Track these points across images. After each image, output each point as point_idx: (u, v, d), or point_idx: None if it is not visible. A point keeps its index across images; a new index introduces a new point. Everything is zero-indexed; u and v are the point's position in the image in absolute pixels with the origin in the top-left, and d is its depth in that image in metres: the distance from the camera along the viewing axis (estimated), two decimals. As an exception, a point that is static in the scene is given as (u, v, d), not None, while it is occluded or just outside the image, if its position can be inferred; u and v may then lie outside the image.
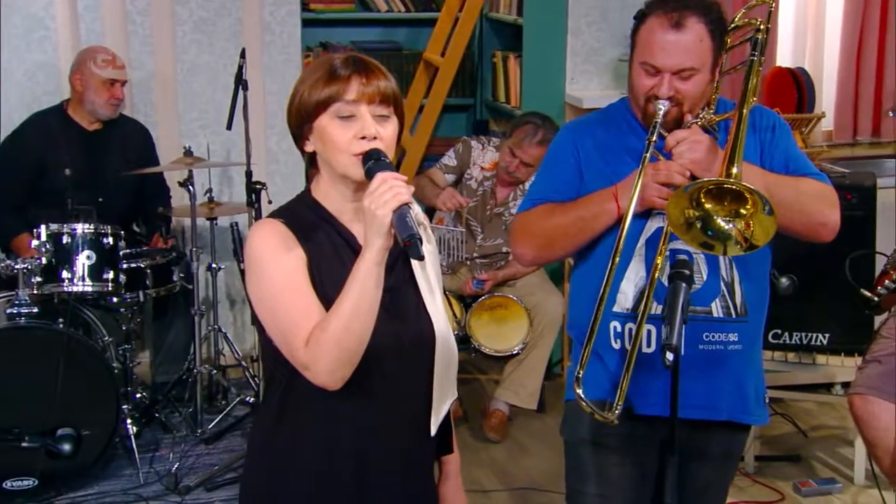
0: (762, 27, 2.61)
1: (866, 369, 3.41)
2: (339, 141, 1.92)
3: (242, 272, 4.61)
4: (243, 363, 4.75)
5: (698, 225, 2.38)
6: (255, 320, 1.99)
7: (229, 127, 4.34)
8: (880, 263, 3.74)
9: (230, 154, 5.05)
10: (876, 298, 3.50)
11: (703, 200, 2.38)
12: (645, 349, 2.55)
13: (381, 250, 1.84)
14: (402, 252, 1.99)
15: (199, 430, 4.41)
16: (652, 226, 2.56)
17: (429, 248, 2.09)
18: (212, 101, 5.05)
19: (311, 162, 2.02)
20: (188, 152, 4.34)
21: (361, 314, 1.85)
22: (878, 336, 3.46)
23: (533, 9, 4.93)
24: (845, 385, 4.74)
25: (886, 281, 3.48)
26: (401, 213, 1.82)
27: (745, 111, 2.50)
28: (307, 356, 1.86)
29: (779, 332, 4.09)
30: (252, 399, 4.53)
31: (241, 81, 4.30)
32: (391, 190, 1.82)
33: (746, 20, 2.66)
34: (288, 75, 5.10)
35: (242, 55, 4.35)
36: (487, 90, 5.63)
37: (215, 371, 4.63)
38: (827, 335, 4.02)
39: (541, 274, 4.69)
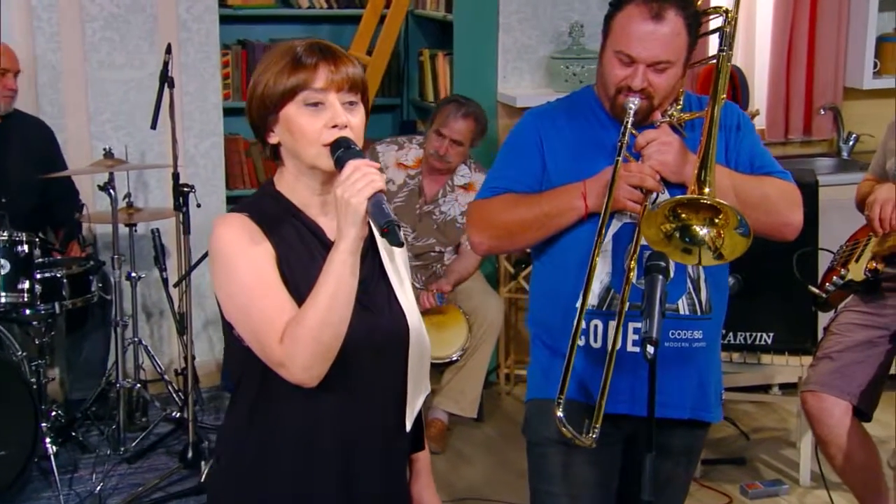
0: (730, 18, 2.67)
1: (818, 366, 3.53)
2: (308, 131, 1.92)
3: (165, 280, 4.55)
4: (166, 377, 4.68)
5: (677, 235, 2.46)
6: (223, 319, 1.98)
7: (153, 126, 4.28)
8: (824, 260, 3.87)
9: (145, 156, 4.98)
10: (824, 295, 3.64)
11: (679, 211, 2.45)
12: (610, 347, 2.60)
13: (357, 240, 1.85)
14: (372, 244, 2.02)
15: (122, 449, 4.33)
16: (618, 223, 2.62)
17: None
18: (125, 101, 4.97)
19: (274, 154, 2.01)
20: (108, 154, 4.27)
21: (338, 306, 1.85)
22: (828, 332, 3.59)
23: (463, 5, 4.98)
24: (784, 387, 4.88)
25: (834, 277, 3.61)
26: (376, 200, 1.84)
27: (716, 111, 2.57)
28: (282, 353, 1.86)
29: (723, 331, 4.18)
30: (177, 414, 4.47)
31: (166, 79, 4.25)
32: (364, 177, 1.83)
33: (712, 7, 2.73)
34: (206, 74, 5.06)
35: (168, 51, 4.30)
36: (414, 90, 5.66)
37: (139, 385, 4.55)
38: (771, 334, 4.13)
39: (478, 276, 4.73)
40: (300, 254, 1.96)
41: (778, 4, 5.13)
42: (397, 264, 2.10)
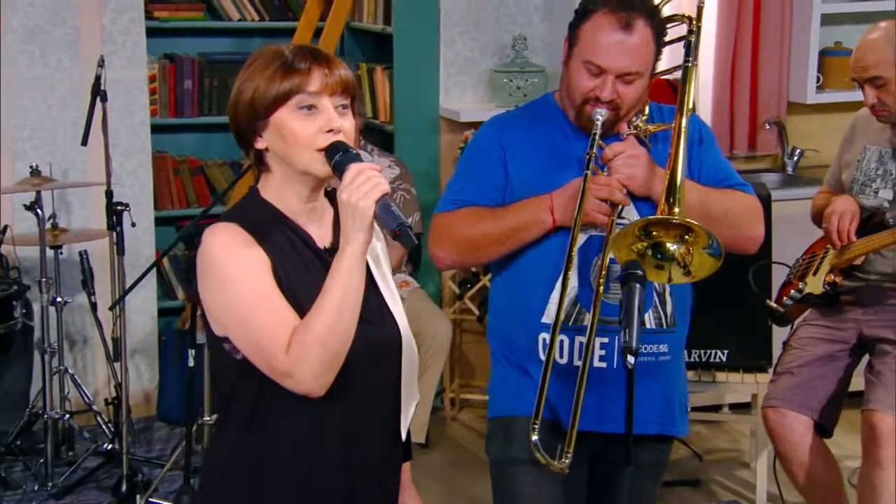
0: (694, 27, 2.72)
1: (779, 381, 3.60)
2: (301, 135, 1.95)
3: (94, 305, 4.48)
4: (94, 407, 4.59)
5: (650, 253, 2.50)
6: (209, 334, 1.99)
7: (84, 143, 4.21)
8: (778, 274, 3.94)
9: (68, 174, 4.89)
10: (782, 309, 3.70)
11: (650, 230, 2.48)
12: (576, 362, 2.63)
13: (365, 244, 1.89)
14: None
15: (50, 485, 4.24)
16: (584, 236, 2.64)
17: (379, 245, 2.14)
18: (46, 117, 4.89)
19: (259, 160, 2.03)
20: (35, 171, 4.19)
21: (346, 312, 1.89)
22: (788, 347, 3.66)
23: (403, 18, 5.01)
24: (733, 406, 4.95)
25: (792, 291, 3.68)
26: (384, 202, 1.88)
27: (683, 123, 2.61)
28: (289, 363, 1.88)
29: (677, 349, 4.24)
30: (108, 446, 4.38)
31: (99, 92, 4.19)
32: (370, 180, 1.88)
33: (675, 14, 2.77)
34: (133, 89, 5.00)
35: (101, 63, 4.24)
36: (350, 105, 5.64)
37: (68, 416, 4.45)
38: (726, 351, 4.19)
39: (425, 296, 4.73)
40: (294, 261, 1.99)
41: (720, 19, 5.24)
42: (384, 270, 2.13)
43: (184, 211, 5.47)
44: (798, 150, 5.43)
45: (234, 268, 1.92)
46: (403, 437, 2.11)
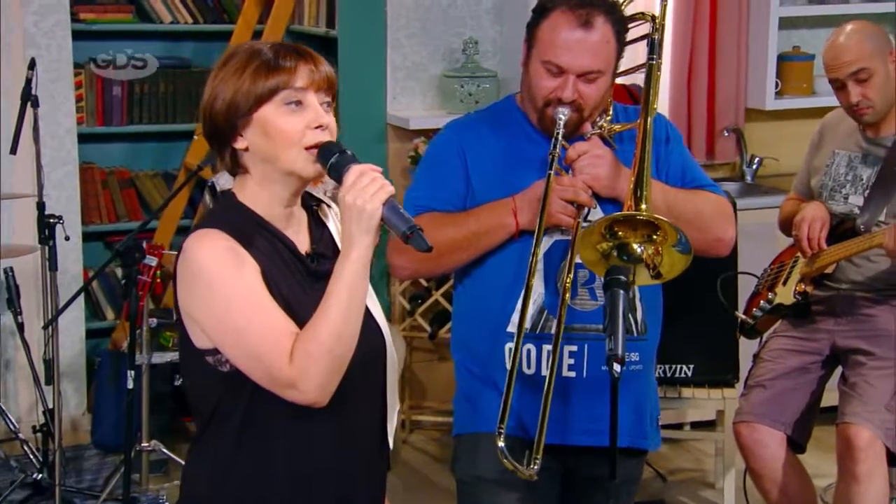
0: (657, 25, 2.76)
1: (750, 395, 3.64)
2: (289, 131, 1.97)
3: (21, 325, 4.40)
4: (21, 435, 4.50)
5: (615, 254, 2.52)
6: (188, 347, 1.99)
7: (13, 151, 4.15)
8: (746, 285, 4.00)
9: (-10, 186, 4.81)
10: (751, 321, 3.75)
11: (615, 230, 2.51)
12: (545, 372, 2.65)
13: (370, 248, 1.93)
14: (337, 253, 2.04)
15: (-27, 519, 4.15)
16: (549, 240, 2.66)
17: None
18: (-38, 125, 4.80)
19: (235, 162, 2.04)
20: (-41, 183, 4.12)
21: (352, 319, 1.93)
22: (759, 360, 3.71)
23: (347, 20, 5.01)
24: (696, 425, 5.00)
25: (761, 302, 3.74)
26: (391, 205, 1.91)
27: (648, 123, 2.65)
28: (294, 372, 1.90)
29: (640, 365, 4.27)
30: (37, 476, 4.30)
31: (29, 97, 4.14)
32: (375, 182, 1.91)
33: (639, 12, 2.81)
34: (59, 96, 4.93)
35: (31, 66, 4.18)
36: (290, 113, 5.63)
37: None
38: (691, 366, 4.23)
39: (376, 313, 4.72)
40: (280, 267, 2.01)
41: (676, 23, 5.31)
42: None
43: (113, 226, 5.42)
44: (757, 159, 5.51)
45: (228, 277, 1.93)
46: (391, 444, 2.14)
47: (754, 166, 5.52)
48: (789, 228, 3.63)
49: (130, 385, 3.98)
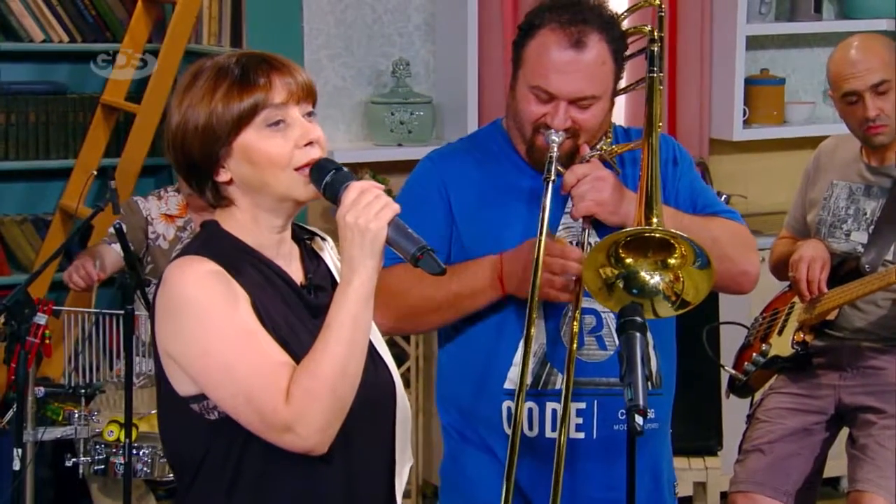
0: (656, 36, 2.87)
1: (747, 461, 3.75)
2: (276, 155, 2.03)
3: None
4: None
5: (620, 285, 2.60)
6: (169, 396, 2.02)
7: None
8: (732, 336, 4.12)
9: None
10: (743, 377, 3.86)
11: (622, 255, 2.59)
12: (549, 433, 2.73)
13: (374, 274, 1.98)
14: (335, 284, 2.13)
15: None
16: None
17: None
18: None
19: (217, 195, 2.09)
20: None
21: (356, 353, 1.98)
22: (755, 420, 3.81)
23: (257, 38, 5.04)
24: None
25: (754, 354, 3.85)
26: (397, 224, 1.98)
27: (654, 141, 2.75)
28: (291, 414, 1.94)
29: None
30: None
31: None
32: (378, 199, 1.98)
33: (633, 27, 2.92)
34: None
35: None
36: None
37: None
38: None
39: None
40: (273, 299, 2.06)
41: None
42: None
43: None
44: (724, 196, 5.66)
45: (214, 306, 1.97)
46: (399, 501, 2.18)
47: (720, 205, 5.67)
48: (784, 271, 3.72)
49: (17, 466, 3.94)
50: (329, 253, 2.24)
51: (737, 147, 5.68)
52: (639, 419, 2.34)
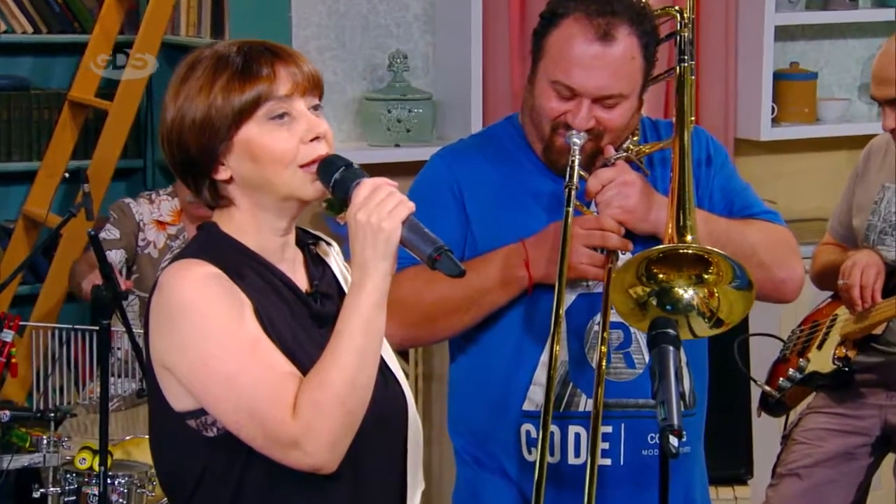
0: (686, 19, 2.84)
1: (782, 486, 3.74)
2: (280, 151, 2.03)
3: None
4: None
5: (654, 302, 2.58)
6: (164, 413, 2.02)
7: None
8: (763, 350, 4.09)
9: None
10: (776, 394, 3.83)
11: (654, 270, 2.57)
12: (572, 460, 2.72)
13: (387, 277, 1.99)
14: (341, 293, 2.14)
15: None
16: (571, 295, 2.72)
17: None
18: None
19: (215, 194, 2.09)
20: None
21: (368, 363, 1.99)
22: (791, 442, 3.80)
23: (240, 29, 5.01)
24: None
25: (790, 370, 3.83)
26: (412, 224, 1.99)
27: (686, 139, 2.72)
28: (298, 429, 1.94)
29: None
30: None
31: None
32: (392, 197, 1.98)
33: (661, 8, 2.88)
34: None
35: None
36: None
37: None
38: (695, 458, 4.30)
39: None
40: (277, 305, 2.06)
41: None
42: None
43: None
44: (752, 201, 5.65)
45: (215, 312, 1.98)
46: None
47: (747, 210, 5.65)
48: (829, 279, 3.70)
49: (-20, 499, 3.91)
50: (335, 259, 2.24)
51: (765, 147, 5.64)
52: (674, 440, 2.32)
